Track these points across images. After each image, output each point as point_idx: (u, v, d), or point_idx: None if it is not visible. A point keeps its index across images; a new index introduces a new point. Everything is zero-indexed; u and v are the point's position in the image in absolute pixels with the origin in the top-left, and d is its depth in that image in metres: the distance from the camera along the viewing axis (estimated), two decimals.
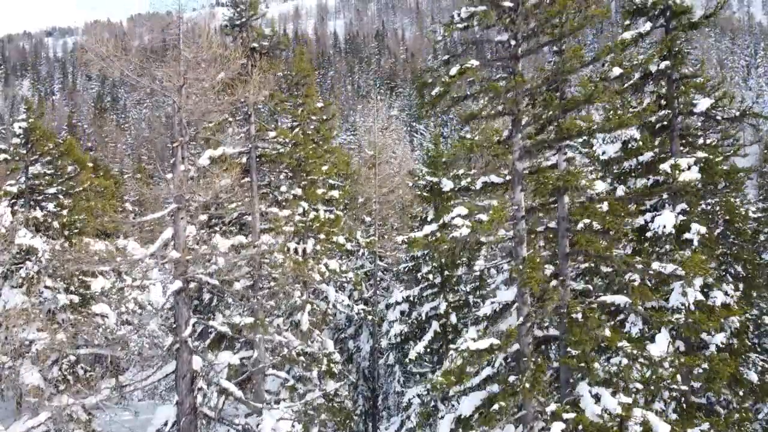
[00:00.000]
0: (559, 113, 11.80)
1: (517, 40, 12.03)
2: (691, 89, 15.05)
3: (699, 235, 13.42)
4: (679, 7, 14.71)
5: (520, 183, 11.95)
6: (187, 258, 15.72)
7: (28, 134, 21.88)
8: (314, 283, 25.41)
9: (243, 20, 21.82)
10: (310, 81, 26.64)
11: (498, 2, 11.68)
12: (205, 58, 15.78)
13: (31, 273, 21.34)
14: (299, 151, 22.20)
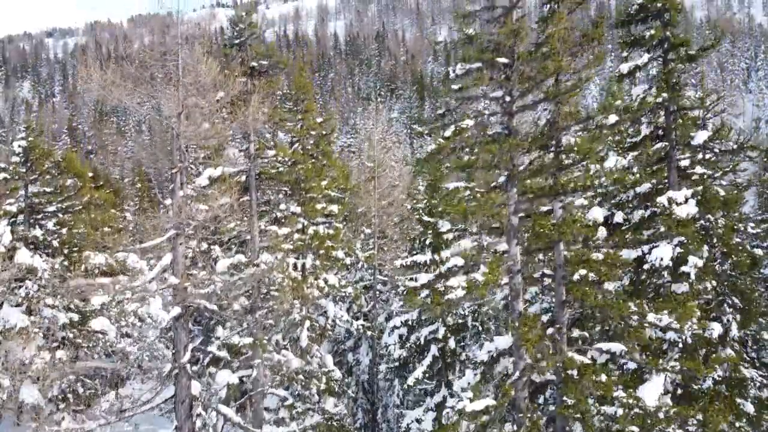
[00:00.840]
0: (555, 170, 11.87)
1: (512, 96, 12.09)
2: (689, 121, 15.07)
3: (696, 268, 13.47)
4: (678, 39, 14.74)
5: (516, 237, 12.03)
6: (186, 285, 15.77)
7: (28, 153, 21.93)
8: (314, 298, 25.48)
9: (242, 39, 21.85)
10: (310, 96, 26.69)
11: (493, 59, 11.72)
12: (204, 84, 15.81)
13: (30, 292, 21.40)
14: (298, 169, 22.25)
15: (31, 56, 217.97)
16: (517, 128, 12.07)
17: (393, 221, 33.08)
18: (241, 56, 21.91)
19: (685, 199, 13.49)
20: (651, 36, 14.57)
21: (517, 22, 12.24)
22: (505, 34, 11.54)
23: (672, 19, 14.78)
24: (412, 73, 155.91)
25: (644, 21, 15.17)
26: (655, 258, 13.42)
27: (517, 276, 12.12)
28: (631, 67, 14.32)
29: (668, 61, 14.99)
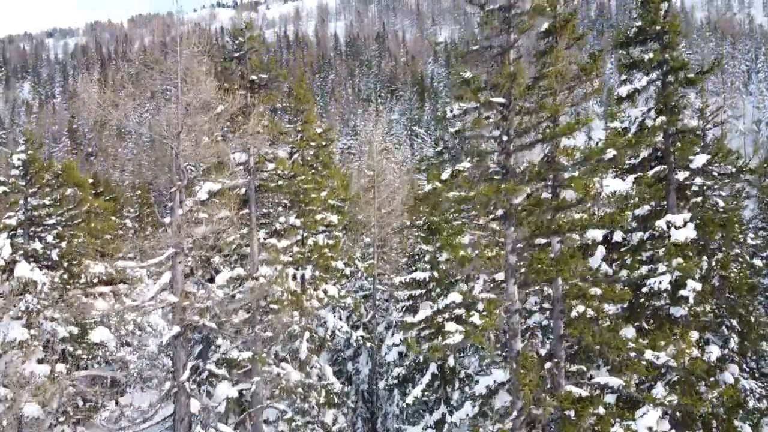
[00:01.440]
0: (552, 211, 11.89)
1: (509, 136, 12.09)
2: (688, 144, 15.07)
3: (695, 292, 13.49)
4: (677, 63, 14.74)
5: (513, 276, 12.05)
6: (185, 303, 15.79)
7: (27, 166, 21.96)
8: (313, 309, 25.50)
9: (242, 53, 21.85)
10: (310, 107, 26.69)
11: (490, 99, 11.71)
12: (203, 102, 15.83)
13: (30, 306, 21.42)
14: (298, 182, 22.26)
15: (32, 57, 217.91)
16: (514, 167, 12.08)
17: (393, 229, 33.08)
18: (241, 70, 21.92)
19: (683, 223, 13.51)
20: (650, 59, 14.57)
21: (514, 62, 12.22)
22: (503, 79, 11.53)
23: (671, 41, 14.78)
24: (413, 75, 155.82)
25: (643, 43, 15.16)
26: (653, 281, 13.44)
27: (514, 315, 12.15)
28: (630, 90, 14.32)
29: (667, 83, 15.00)
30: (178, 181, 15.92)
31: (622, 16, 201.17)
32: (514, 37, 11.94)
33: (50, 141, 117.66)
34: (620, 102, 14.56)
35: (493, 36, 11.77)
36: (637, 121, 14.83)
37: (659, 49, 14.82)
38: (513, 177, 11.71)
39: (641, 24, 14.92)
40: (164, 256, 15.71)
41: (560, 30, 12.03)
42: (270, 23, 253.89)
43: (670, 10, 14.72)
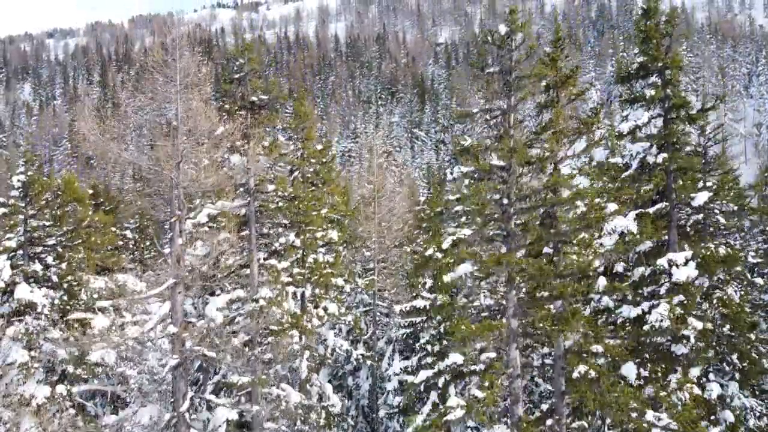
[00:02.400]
0: (553, 278, 11.89)
1: (509, 199, 12.09)
2: (689, 181, 15.03)
3: (696, 330, 13.47)
4: (679, 100, 14.71)
5: (515, 341, 12.05)
6: (184, 334, 15.80)
7: (27, 187, 21.95)
8: (313, 328, 25.52)
9: (242, 74, 21.86)
10: (310, 124, 26.69)
11: (490, 162, 11.72)
12: (203, 132, 15.82)
13: (30, 327, 21.42)
14: (298, 204, 22.27)
15: (32, 57, 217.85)
16: (515, 230, 12.08)
17: (393, 243, 33.05)
18: (241, 91, 21.92)
19: (685, 261, 13.50)
20: (651, 97, 14.54)
21: (514, 126, 12.18)
22: (503, 152, 11.52)
23: (673, 77, 14.75)
24: (413, 76, 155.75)
25: (644, 77, 15.13)
26: (655, 319, 13.43)
27: (516, 380, 12.15)
28: (631, 126, 14.31)
29: (668, 120, 14.98)
30: (177, 211, 15.91)
31: (622, 17, 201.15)
32: (515, 100, 11.94)
33: (51, 144, 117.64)
34: (621, 138, 14.57)
35: (494, 99, 11.78)
36: (638, 157, 14.81)
37: (661, 84, 14.79)
38: (514, 240, 11.72)
39: (643, 60, 14.90)
40: (164, 286, 15.71)
41: (561, 85, 12.02)
42: (270, 24, 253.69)
43: (672, 45, 14.68)
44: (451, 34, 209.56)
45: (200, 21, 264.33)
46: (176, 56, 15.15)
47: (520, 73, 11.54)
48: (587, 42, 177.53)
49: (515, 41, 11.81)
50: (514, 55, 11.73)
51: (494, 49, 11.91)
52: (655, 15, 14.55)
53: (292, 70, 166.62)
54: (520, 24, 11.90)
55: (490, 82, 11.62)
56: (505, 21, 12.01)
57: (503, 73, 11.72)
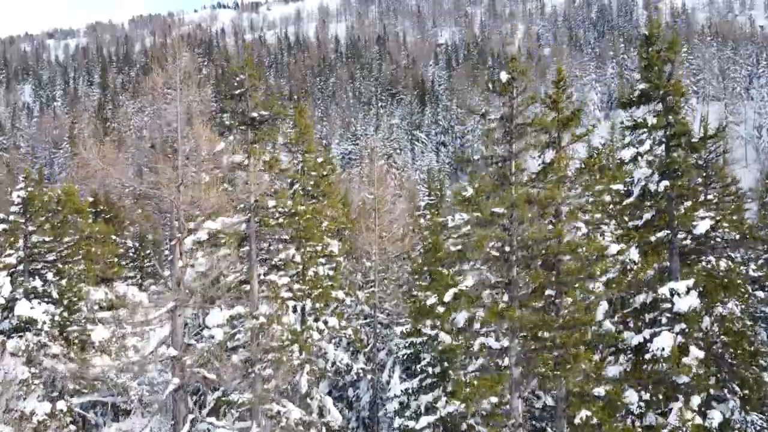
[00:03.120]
0: (556, 330, 11.90)
1: (511, 247, 12.08)
2: (691, 210, 14.99)
3: (697, 360, 13.45)
4: (680, 128, 14.68)
5: (518, 390, 12.05)
6: (185, 357, 15.78)
7: (27, 204, 21.96)
8: (313, 342, 25.48)
9: (243, 90, 21.80)
10: (310, 138, 26.68)
11: (491, 210, 11.70)
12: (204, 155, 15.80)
13: (31, 344, 21.42)
14: (298, 220, 22.24)
15: (32, 58, 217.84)
16: (517, 278, 12.06)
17: (395, 253, 32.99)
18: (242, 107, 21.88)
19: (686, 289, 13.47)
20: (653, 125, 14.51)
21: (515, 174, 12.12)
22: (504, 207, 11.51)
23: (675, 104, 14.70)
24: (413, 78, 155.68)
25: (646, 102, 15.09)
26: (656, 348, 13.40)
27: (518, 430, 12.13)
28: (633, 154, 14.29)
29: (670, 148, 14.95)
30: (177, 234, 15.89)
31: (623, 18, 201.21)
32: (516, 148, 11.93)
33: (51, 147, 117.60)
34: (622, 165, 14.54)
35: (496, 146, 11.76)
36: (639, 184, 14.78)
37: (662, 111, 14.74)
38: (516, 288, 11.71)
39: (644, 87, 14.85)
40: (164, 309, 15.69)
41: (563, 127, 12.00)
42: (271, 24, 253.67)
43: (673, 72, 14.64)
44: (451, 35, 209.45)
45: (201, 21, 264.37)
46: (177, 80, 15.09)
47: (521, 121, 11.52)
48: (587, 43, 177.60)
49: (516, 88, 11.79)
50: (515, 102, 11.71)
51: (495, 96, 11.89)
52: (657, 41, 14.52)
53: (292, 71, 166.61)
54: (521, 70, 11.86)
55: (491, 132, 11.59)
56: (507, 68, 12.00)
57: (504, 120, 11.70)
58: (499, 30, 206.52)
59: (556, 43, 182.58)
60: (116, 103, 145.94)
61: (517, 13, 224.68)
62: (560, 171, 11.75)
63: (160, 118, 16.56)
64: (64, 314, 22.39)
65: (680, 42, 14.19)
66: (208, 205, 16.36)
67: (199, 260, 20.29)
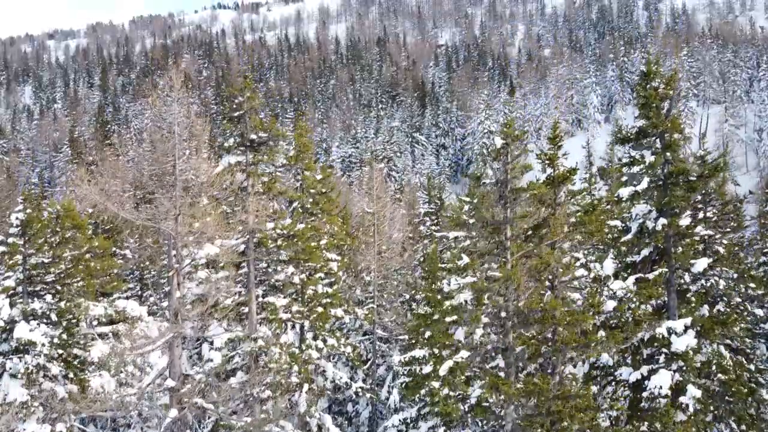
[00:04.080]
0: (553, 400, 11.91)
1: (507, 313, 12.10)
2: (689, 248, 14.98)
3: (695, 399, 13.46)
4: (678, 168, 14.67)
5: None
6: (182, 389, 15.80)
7: (25, 226, 21.93)
8: (312, 361, 25.52)
9: (242, 112, 21.82)
10: (309, 156, 26.69)
11: (487, 274, 11.73)
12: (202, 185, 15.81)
13: (30, 367, 21.40)
14: (297, 240, 22.25)
15: (33, 59, 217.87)
16: (513, 344, 12.09)
17: (394, 267, 33.03)
18: (241, 129, 21.89)
19: (684, 328, 13.48)
20: (651, 163, 14.51)
21: (511, 239, 12.12)
22: (500, 284, 11.54)
23: (672, 142, 14.70)
24: (414, 80, 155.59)
25: (645, 137, 15.08)
26: (654, 386, 13.41)
27: None
28: (630, 192, 14.29)
29: (668, 186, 14.94)
30: (175, 264, 15.91)
31: (623, 19, 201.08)
32: (511, 213, 11.94)
33: (51, 149, 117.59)
34: (619, 203, 14.55)
35: (491, 209, 11.77)
36: (637, 221, 14.78)
37: (660, 149, 14.73)
38: (513, 354, 11.72)
39: (642, 125, 14.85)
40: (162, 341, 15.71)
41: (559, 184, 12.01)
42: (271, 25, 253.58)
43: (671, 108, 14.63)
44: (451, 36, 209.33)
45: (201, 22, 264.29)
46: (175, 111, 15.10)
47: (515, 186, 11.55)
48: (588, 44, 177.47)
49: (511, 154, 11.80)
50: (509, 167, 11.71)
51: (490, 161, 11.89)
52: (655, 78, 14.52)
53: (292, 73, 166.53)
54: (515, 135, 11.86)
55: (486, 198, 11.61)
56: (501, 133, 12.01)
57: (499, 185, 11.72)
58: (500, 31, 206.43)
59: (556, 44, 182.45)
60: (116, 105, 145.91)
61: (517, 14, 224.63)
62: (555, 233, 11.76)
63: (156, 150, 16.54)
64: (63, 336, 22.35)
65: (678, 78, 14.17)
66: (207, 232, 16.37)
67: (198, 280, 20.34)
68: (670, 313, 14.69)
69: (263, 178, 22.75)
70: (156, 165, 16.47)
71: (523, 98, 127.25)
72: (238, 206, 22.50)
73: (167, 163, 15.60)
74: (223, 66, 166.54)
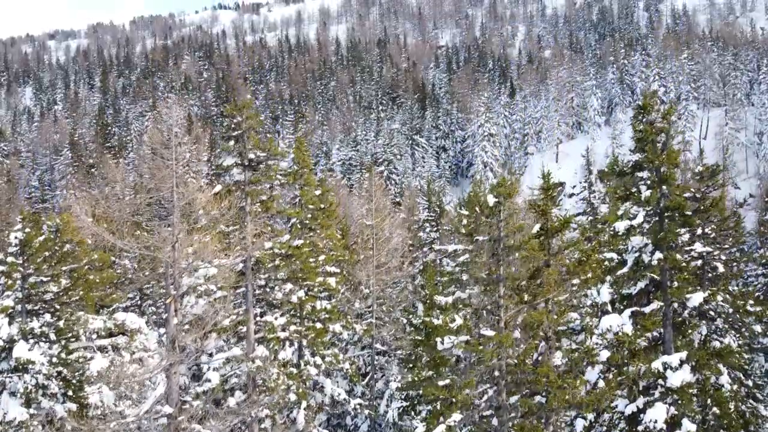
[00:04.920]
0: None
1: (501, 372, 12.13)
2: (684, 282, 15.01)
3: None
4: (674, 202, 14.70)
5: None
6: (180, 416, 15.85)
7: (24, 246, 22.02)
8: (309, 377, 25.59)
9: (240, 131, 21.89)
10: (308, 172, 26.74)
11: (479, 332, 11.78)
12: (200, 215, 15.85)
13: (29, 386, 21.47)
14: (295, 260, 22.32)
15: (33, 60, 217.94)
16: (506, 403, 12.12)
17: (393, 280, 33.06)
18: (239, 148, 21.96)
19: (679, 362, 13.52)
20: (647, 198, 14.53)
21: (505, 297, 12.10)
22: (494, 341, 11.57)
23: (669, 176, 14.71)
24: (414, 81, 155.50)
25: (640, 170, 15.10)
26: (649, 420, 13.46)
27: None
28: (626, 226, 14.33)
29: (664, 219, 14.97)
30: (173, 291, 15.96)
31: (623, 20, 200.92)
32: (504, 271, 11.99)
33: (52, 153, 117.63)
34: (615, 236, 14.58)
35: (483, 268, 11.83)
36: (633, 254, 14.81)
37: (657, 181, 14.75)
38: (506, 412, 11.77)
39: (638, 158, 14.87)
40: (160, 369, 15.76)
41: (552, 235, 12.05)
42: (271, 26, 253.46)
43: (667, 143, 14.66)
44: (452, 37, 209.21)
45: (201, 23, 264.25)
46: (173, 143, 15.12)
47: (508, 243, 11.60)
48: (588, 45, 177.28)
49: (503, 211, 11.85)
50: (502, 225, 11.76)
51: (483, 219, 11.94)
52: (651, 111, 14.54)
53: (293, 75, 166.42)
54: (508, 192, 11.91)
55: (479, 255, 11.66)
56: (494, 192, 12.05)
57: (492, 242, 11.76)
58: (500, 32, 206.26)
59: (556, 45, 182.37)
60: (117, 107, 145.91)
61: (517, 15, 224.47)
62: (549, 290, 11.80)
63: (154, 177, 16.57)
64: (62, 355, 22.42)
65: (675, 110, 14.16)
66: (205, 256, 16.44)
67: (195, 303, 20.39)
68: (666, 347, 14.72)
69: (262, 197, 22.82)
70: (154, 193, 16.51)
71: (523, 101, 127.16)
72: (237, 225, 22.55)
73: (165, 190, 15.63)
74: (223, 67, 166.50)
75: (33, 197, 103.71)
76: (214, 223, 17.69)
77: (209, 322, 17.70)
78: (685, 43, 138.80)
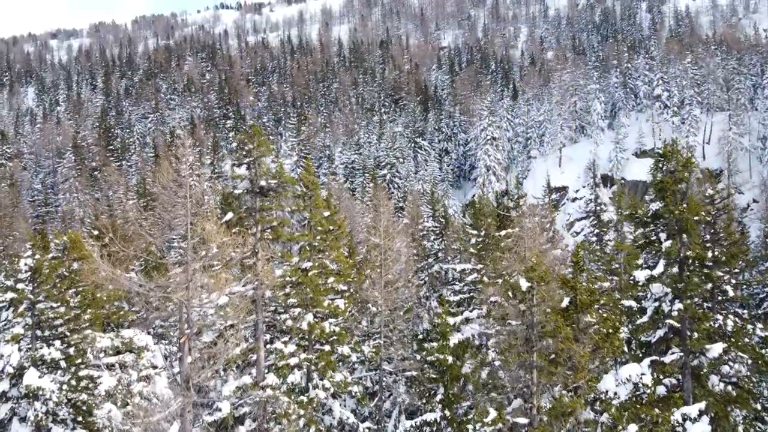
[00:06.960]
0: None
1: None
2: (704, 332, 14.96)
3: None
4: (695, 254, 14.64)
5: None
6: None
7: (34, 272, 22.02)
8: (318, 401, 25.56)
9: (251, 159, 21.85)
10: (317, 194, 26.69)
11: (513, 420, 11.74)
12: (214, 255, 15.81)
13: (39, 414, 21.50)
14: (305, 288, 22.29)
15: (36, 60, 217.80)
16: None
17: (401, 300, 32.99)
18: (250, 176, 21.93)
19: (699, 413, 13.47)
20: (668, 249, 14.47)
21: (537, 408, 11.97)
22: None
23: (689, 226, 14.61)
24: (417, 83, 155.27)
25: (660, 219, 15.02)
26: None
27: None
28: (647, 276, 14.29)
29: (684, 269, 14.91)
30: (186, 330, 15.94)
31: (626, 21, 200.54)
32: (538, 359, 11.94)
33: (54, 155, 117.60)
34: (636, 286, 14.53)
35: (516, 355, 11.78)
36: (653, 302, 14.77)
37: (677, 231, 14.67)
38: None
39: (658, 208, 14.81)
40: (173, 407, 15.75)
41: (581, 311, 12.00)
42: (274, 26, 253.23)
43: (688, 191, 14.58)
44: (454, 38, 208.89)
45: (203, 23, 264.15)
46: (186, 186, 15.08)
47: (541, 331, 11.55)
48: (591, 47, 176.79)
49: (536, 296, 11.80)
50: (535, 310, 11.72)
51: (516, 303, 11.88)
52: (671, 160, 14.45)
53: (295, 77, 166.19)
54: (541, 277, 11.85)
55: (512, 332, 11.62)
56: (526, 275, 11.98)
57: (526, 328, 11.72)
58: (502, 33, 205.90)
59: (559, 47, 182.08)
60: (119, 109, 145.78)
61: (519, 16, 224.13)
62: (579, 375, 11.75)
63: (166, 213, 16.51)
64: (71, 382, 22.45)
65: (694, 163, 14.20)
66: (216, 304, 16.42)
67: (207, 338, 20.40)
68: (686, 396, 14.69)
69: (272, 223, 22.79)
70: (167, 232, 16.50)
71: (526, 104, 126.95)
72: (248, 252, 22.50)
73: (180, 227, 15.60)
74: (226, 69, 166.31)
75: (36, 200, 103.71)
76: (227, 261, 17.65)
77: (221, 357, 17.67)
78: (688, 46, 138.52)
